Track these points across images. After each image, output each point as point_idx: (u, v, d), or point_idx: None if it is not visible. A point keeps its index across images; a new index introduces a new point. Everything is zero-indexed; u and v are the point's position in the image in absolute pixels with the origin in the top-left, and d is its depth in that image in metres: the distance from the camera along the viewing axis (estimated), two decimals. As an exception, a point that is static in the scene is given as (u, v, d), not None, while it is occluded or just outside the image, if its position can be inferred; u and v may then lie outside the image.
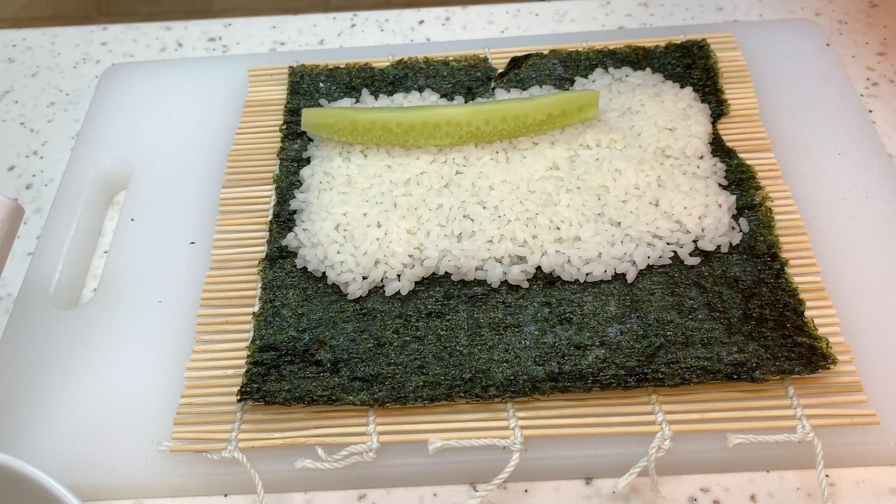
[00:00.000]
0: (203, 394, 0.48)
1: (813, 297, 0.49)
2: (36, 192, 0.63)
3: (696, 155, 0.54)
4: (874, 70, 0.65)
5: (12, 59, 0.74)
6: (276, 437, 0.46)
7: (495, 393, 0.46)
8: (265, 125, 0.62)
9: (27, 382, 0.50)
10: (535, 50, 0.63)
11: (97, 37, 0.75)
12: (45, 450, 0.47)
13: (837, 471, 0.45)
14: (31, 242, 0.59)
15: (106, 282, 0.54)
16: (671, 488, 0.45)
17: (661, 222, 0.51)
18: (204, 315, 0.52)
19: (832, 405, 0.45)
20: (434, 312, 0.49)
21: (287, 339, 0.49)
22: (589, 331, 0.48)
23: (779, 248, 0.50)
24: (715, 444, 0.44)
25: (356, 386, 0.46)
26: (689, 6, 0.71)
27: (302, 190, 0.56)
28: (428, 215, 0.52)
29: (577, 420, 0.45)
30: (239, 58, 0.69)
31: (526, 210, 0.52)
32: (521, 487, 0.46)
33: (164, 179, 0.60)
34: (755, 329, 0.47)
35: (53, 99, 0.70)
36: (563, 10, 0.72)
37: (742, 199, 0.53)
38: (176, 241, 0.56)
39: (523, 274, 0.50)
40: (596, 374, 0.46)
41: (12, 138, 0.67)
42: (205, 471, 0.46)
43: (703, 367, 0.45)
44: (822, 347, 0.45)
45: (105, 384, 0.49)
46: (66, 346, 0.51)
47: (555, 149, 0.55)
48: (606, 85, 0.59)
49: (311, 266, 0.52)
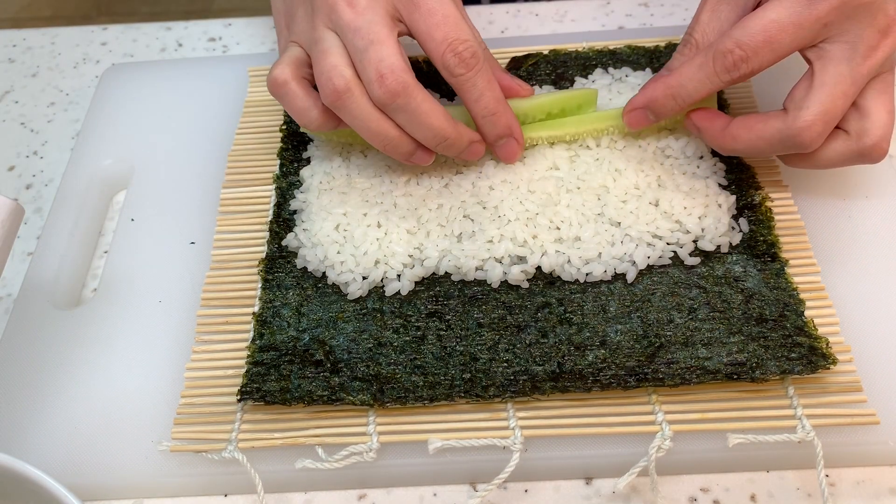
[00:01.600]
0: (203, 394, 0.48)
1: (813, 297, 0.49)
2: (36, 192, 0.63)
3: (696, 155, 0.54)
4: (874, 70, 0.65)
5: (12, 59, 0.74)
6: (276, 437, 0.46)
7: (495, 393, 0.46)
8: (265, 125, 0.62)
9: (27, 382, 0.50)
10: (535, 50, 0.63)
11: (97, 37, 0.75)
12: (45, 450, 0.47)
13: (837, 471, 0.45)
14: (31, 242, 0.59)
15: (106, 282, 0.54)
16: (671, 488, 0.45)
17: (661, 222, 0.51)
18: (204, 315, 0.52)
19: (832, 405, 0.45)
20: (434, 312, 0.49)
21: (287, 339, 0.49)
22: (589, 331, 0.48)
23: (779, 248, 0.50)
24: (715, 444, 0.44)
25: (356, 386, 0.46)
26: (689, 6, 0.71)
27: (302, 190, 0.56)
28: (428, 215, 0.52)
29: (577, 420, 0.45)
30: (239, 58, 0.69)
31: (526, 210, 0.52)
32: (521, 487, 0.46)
33: (164, 179, 0.60)
34: (755, 329, 0.47)
35: (53, 99, 0.70)
36: (563, 10, 0.72)
37: (742, 199, 0.53)
38: (176, 241, 0.56)
39: (523, 274, 0.50)
40: (596, 374, 0.46)
41: (12, 138, 0.67)
42: (205, 471, 0.46)
43: (703, 367, 0.45)
44: (822, 347, 0.46)
45: (105, 384, 0.49)
46: (66, 346, 0.51)
47: (555, 149, 0.55)
48: (606, 85, 0.59)
49: (311, 266, 0.52)
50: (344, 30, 0.48)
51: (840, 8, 0.44)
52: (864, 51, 0.45)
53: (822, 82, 0.46)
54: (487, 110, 0.50)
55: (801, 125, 0.46)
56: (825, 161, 0.49)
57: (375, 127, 0.49)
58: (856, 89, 0.46)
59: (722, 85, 0.48)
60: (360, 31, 0.47)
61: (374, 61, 0.47)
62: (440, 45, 0.48)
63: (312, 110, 0.50)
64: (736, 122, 0.49)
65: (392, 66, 0.47)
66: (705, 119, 0.51)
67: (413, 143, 0.50)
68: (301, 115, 0.51)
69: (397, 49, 0.47)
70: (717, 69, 0.47)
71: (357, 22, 0.47)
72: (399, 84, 0.47)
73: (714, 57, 0.47)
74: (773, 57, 0.46)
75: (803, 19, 0.45)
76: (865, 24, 0.45)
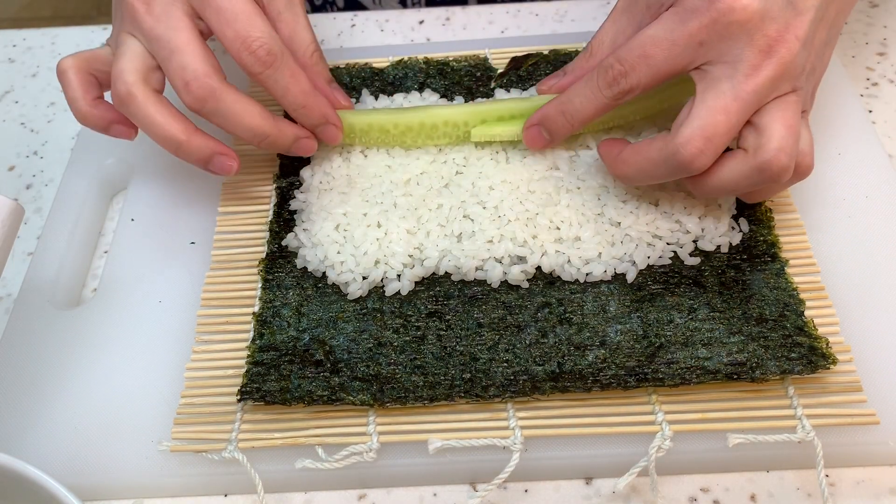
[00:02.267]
0: (203, 394, 0.48)
1: (813, 297, 0.49)
2: (36, 192, 0.63)
3: (696, 155, 0.54)
4: (874, 70, 0.65)
5: (12, 59, 0.74)
6: (276, 437, 0.46)
7: (495, 393, 0.46)
8: (265, 125, 0.62)
9: (27, 382, 0.50)
10: (535, 50, 0.63)
11: (97, 37, 0.75)
12: (45, 450, 0.47)
13: (837, 471, 0.45)
14: (31, 242, 0.59)
15: (106, 282, 0.54)
16: (671, 488, 0.45)
17: (661, 222, 0.51)
18: (204, 315, 0.52)
19: (832, 405, 0.45)
20: (434, 312, 0.49)
21: (287, 339, 0.49)
22: (589, 331, 0.48)
23: (779, 248, 0.50)
24: (715, 444, 0.44)
25: (356, 386, 0.46)
26: (689, 6, 0.71)
27: (302, 190, 0.56)
28: (428, 215, 0.52)
29: (577, 420, 0.45)
30: (239, 58, 0.69)
31: (526, 210, 0.52)
32: (521, 487, 0.46)
33: (164, 179, 0.60)
34: (755, 329, 0.47)
35: (53, 99, 0.70)
36: (563, 10, 0.72)
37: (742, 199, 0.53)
38: (176, 241, 0.56)
39: (523, 274, 0.50)
40: (596, 374, 0.46)
41: (12, 138, 0.67)
42: (205, 471, 0.46)
43: (703, 367, 0.45)
44: (821, 347, 0.46)
45: (105, 384, 0.49)
46: (66, 346, 0.51)
47: (555, 149, 0.55)
48: (606, 85, 0.59)
49: (311, 266, 0.52)
50: (147, 38, 0.49)
51: (711, 25, 0.44)
52: (745, 70, 0.44)
53: (702, 100, 0.45)
54: (297, 104, 0.51)
55: (679, 141, 0.45)
56: (726, 181, 0.47)
57: (161, 132, 0.49)
58: (740, 105, 0.45)
59: (607, 101, 0.48)
60: (160, 41, 0.48)
61: (178, 70, 0.47)
62: (233, 43, 0.48)
63: (79, 101, 0.52)
64: (628, 147, 0.49)
65: (196, 73, 0.47)
66: (606, 146, 0.51)
67: (206, 151, 0.50)
68: (70, 104, 0.53)
69: (200, 53, 0.48)
70: (600, 84, 0.48)
71: (156, 30, 0.48)
72: (204, 89, 0.47)
73: (598, 72, 0.48)
74: (650, 72, 0.46)
75: (677, 35, 0.45)
76: (743, 43, 0.44)
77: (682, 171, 0.46)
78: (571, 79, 0.54)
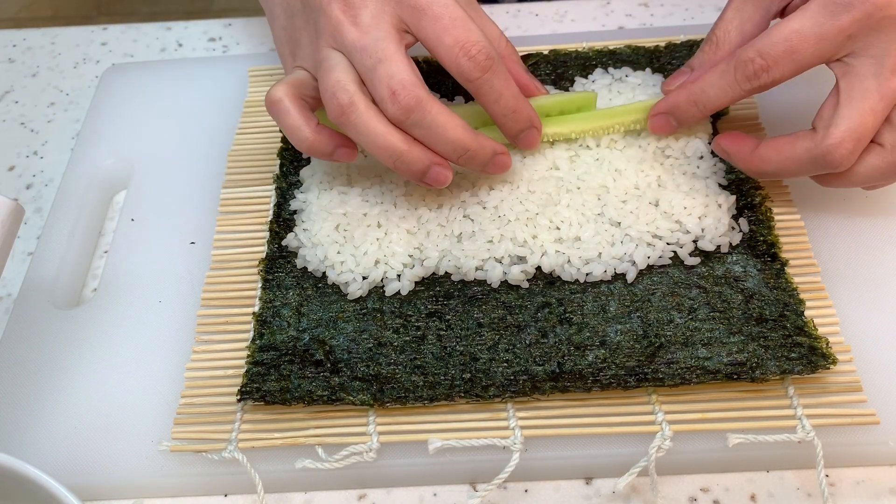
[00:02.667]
0: (203, 394, 0.48)
1: (813, 297, 0.49)
2: (36, 192, 0.63)
3: (696, 155, 0.54)
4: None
5: (12, 59, 0.74)
6: (276, 437, 0.46)
7: (495, 393, 0.46)
8: (265, 125, 0.62)
9: (27, 382, 0.50)
10: (535, 50, 0.63)
11: (97, 37, 0.75)
12: (45, 450, 0.47)
13: (837, 471, 0.45)
14: (31, 242, 0.59)
15: (106, 282, 0.54)
16: (671, 488, 0.45)
17: (661, 222, 0.51)
18: (204, 315, 0.52)
19: (832, 405, 0.45)
20: (434, 312, 0.49)
21: (287, 339, 0.49)
22: (589, 331, 0.48)
23: (779, 248, 0.50)
24: (715, 444, 0.44)
25: (356, 386, 0.46)
26: (689, 6, 0.71)
27: (302, 190, 0.56)
28: (428, 215, 0.52)
29: (577, 420, 0.45)
30: (239, 58, 0.69)
31: (526, 210, 0.52)
32: (521, 487, 0.46)
33: (164, 179, 0.60)
34: (755, 329, 0.47)
35: (53, 99, 0.70)
36: (563, 10, 0.72)
37: (742, 199, 0.53)
38: (176, 241, 0.56)
39: (523, 274, 0.50)
40: (596, 374, 0.46)
41: (12, 138, 0.67)
42: (205, 471, 0.46)
43: (703, 367, 0.45)
44: (821, 347, 0.46)
45: (105, 384, 0.49)
46: (66, 346, 0.51)
47: (555, 149, 0.55)
48: (606, 85, 0.59)
49: (311, 266, 0.52)
50: (350, 49, 0.47)
51: (864, 20, 0.44)
52: (891, 65, 0.44)
53: (848, 99, 0.45)
54: (508, 109, 0.50)
55: (831, 143, 0.45)
56: (862, 177, 0.48)
57: (382, 142, 0.47)
58: (885, 104, 0.45)
59: (743, 94, 0.48)
60: (366, 50, 0.47)
61: (385, 78, 0.46)
62: (451, 49, 0.47)
63: (303, 129, 0.49)
64: (764, 144, 0.49)
65: (403, 82, 0.46)
66: (734, 143, 0.50)
67: (425, 161, 0.48)
68: (292, 133, 0.49)
69: (407, 63, 0.47)
70: (738, 78, 0.47)
71: (363, 41, 0.47)
72: (412, 99, 0.46)
73: (735, 65, 0.47)
74: (794, 67, 0.46)
75: (826, 30, 0.44)
76: (892, 37, 0.44)
77: (828, 169, 0.47)
78: (700, 74, 0.52)
